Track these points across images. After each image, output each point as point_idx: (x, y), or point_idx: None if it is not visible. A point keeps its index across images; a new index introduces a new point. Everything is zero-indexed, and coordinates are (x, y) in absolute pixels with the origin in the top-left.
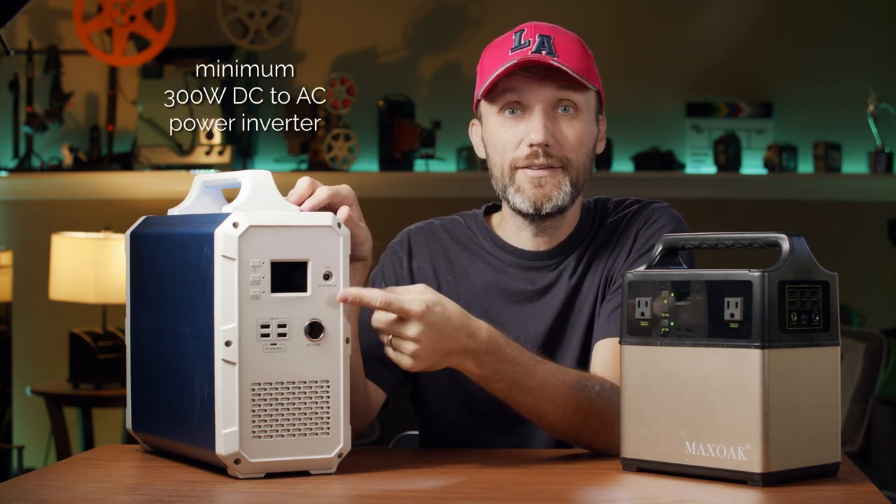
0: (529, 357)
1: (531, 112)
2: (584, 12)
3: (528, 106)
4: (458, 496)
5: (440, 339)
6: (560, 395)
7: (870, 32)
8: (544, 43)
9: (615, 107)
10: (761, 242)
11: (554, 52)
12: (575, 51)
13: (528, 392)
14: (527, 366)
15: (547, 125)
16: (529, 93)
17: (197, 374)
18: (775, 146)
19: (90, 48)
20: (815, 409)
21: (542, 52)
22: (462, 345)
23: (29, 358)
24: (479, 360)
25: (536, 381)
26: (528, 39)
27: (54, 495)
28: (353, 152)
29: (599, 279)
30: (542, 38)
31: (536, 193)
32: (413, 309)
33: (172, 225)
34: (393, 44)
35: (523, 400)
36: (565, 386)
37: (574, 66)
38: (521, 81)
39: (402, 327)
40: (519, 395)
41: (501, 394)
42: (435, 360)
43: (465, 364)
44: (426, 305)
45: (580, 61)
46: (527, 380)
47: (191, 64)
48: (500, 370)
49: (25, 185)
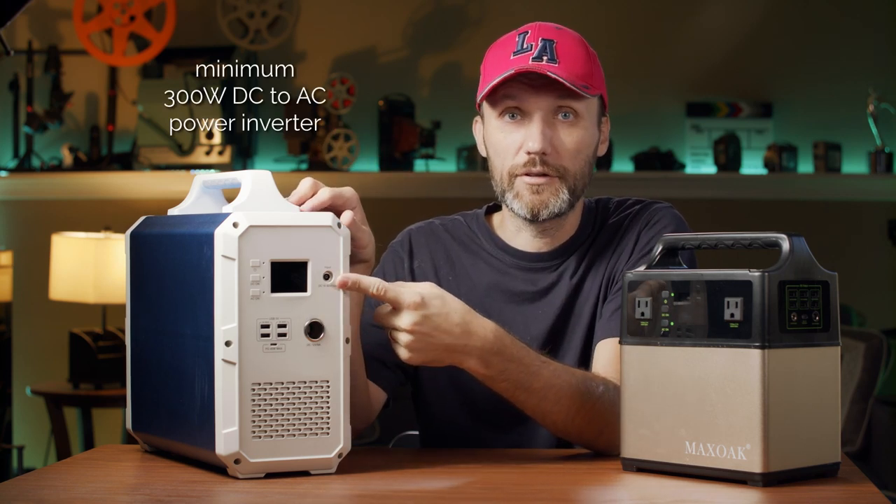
0: (535, 357)
1: (530, 119)
2: (584, 12)
3: (527, 112)
4: (458, 496)
5: (436, 332)
6: (565, 395)
7: (870, 32)
8: (546, 48)
9: (615, 107)
10: (761, 242)
11: (555, 57)
12: (578, 56)
13: (532, 392)
14: (532, 366)
15: (545, 133)
16: (528, 100)
17: (197, 374)
18: (775, 146)
19: (90, 48)
20: (815, 409)
21: (543, 59)
22: (463, 342)
23: (29, 358)
24: (484, 360)
25: (541, 382)
26: (531, 44)
27: (54, 495)
28: (353, 152)
29: (601, 280)
30: (545, 43)
31: (534, 200)
32: (405, 299)
33: (172, 225)
34: (393, 44)
35: (528, 400)
36: (570, 386)
37: (576, 72)
38: (521, 89)
39: (395, 317)
40: (524, 396)
41: (506, 393)
42: (433, 355)
43: (469, 362)
44: (421, 297)
45: (582, 67)
46: (532, 380)
47: (191, 64)
48: (506, 370)
49: (25, 185)
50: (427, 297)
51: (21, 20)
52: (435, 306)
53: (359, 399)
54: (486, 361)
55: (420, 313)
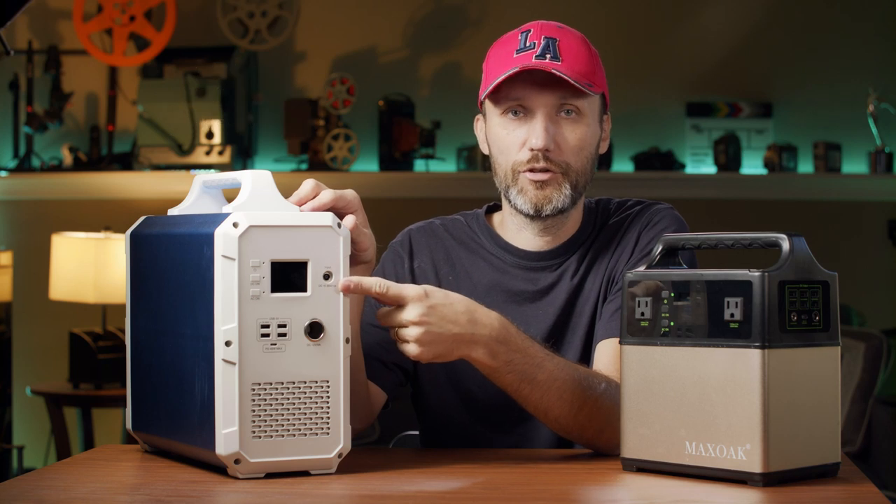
0: (539, 349)
1: (533, 116)
2: (585, 12)
3: (530, 109)
4: (458, 496)
5: (443, 322)
6: (568, 390)
7: (870, 32)
8: (549, 46)
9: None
10: (761, 242)
11: (558, 55)
12: (581, 54)
13: (536, 385)
14: (536, 357)
15: (548, 129)
16: (532, 98)
17: (197, 374)
18: (775, 146)
19: (90, 48)
20: (815, 409)
21: (547, 57)
22: (470, 331)
23: (29, 358)
24: (490, 350)
25: (546, 374)
26: (534, 42)
27: (54, 495)
28: (353, 152)
29: (601, 279)
30: (548, 41)
31: (538, 196)
32: (409, 293)
33: (172, 225)
34: (393, 44)
35: (531, 393)
36: (573, 381)
37: (579, 69)
38: (524, 87)
39: (401, 313)
40: (528, 389)
41: (511, 387)
42: (442, 348)
43: (476, 353)
44: (424, 290)
45: (585, 65)
46: (536, 372)
47: (191, 64)
48: (512, 361)
49: (25, 185)
50: (429, 289)
51: (21, 20)
52: (439, 297)
53: (359, 399)
54: (492, 351)
55: (425, 304)
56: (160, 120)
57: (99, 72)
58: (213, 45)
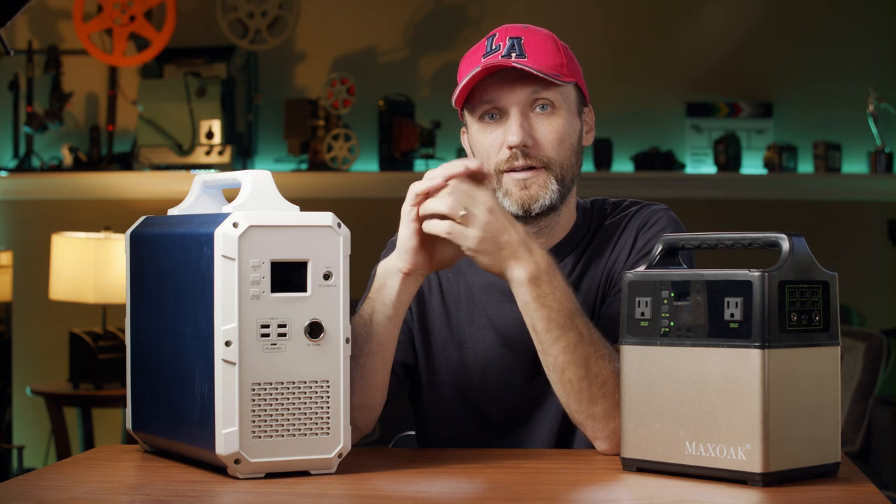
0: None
1: (508, 115)
2: (584, 12)
3: (504, 110)
4: (458, 496)
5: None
6: (592, 353)
7: (870, 32)
8: (514, 45)
9: (615, 107)
10: (761, 242)
11: (524, 52)
12: (547, 48)
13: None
14: (574, 302)
15: (524, 125)
16: (503, 97)
17: (197, 374)
18: (775, 146)
19: (90, 48)
20: (815, 409)
21: (512, 56)
22: (527, 245)
23: (29, 358)
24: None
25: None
26: (499, 44)
27: (54, 495)
28: (353, 152)
29: (598, 280)
30: (513, 41)
31: (523, 196)
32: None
33: (172, 225)
34: (393, 44)
35: (554, 344)
36: (598, 343)
37: (545, 63)
38: (494, 87)
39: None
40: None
41: (541, 324)
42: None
43: (519, 271)
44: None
45: (552, 58)
46: (566, 321)
47: (191, 64)
48: (552, 293)
49: (25, 185)
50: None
51: (21, 20)
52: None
53: (372, 400)
54: (536, 278)
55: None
56: (160, 120)
57: (99, 72)
58: (213, 45)
